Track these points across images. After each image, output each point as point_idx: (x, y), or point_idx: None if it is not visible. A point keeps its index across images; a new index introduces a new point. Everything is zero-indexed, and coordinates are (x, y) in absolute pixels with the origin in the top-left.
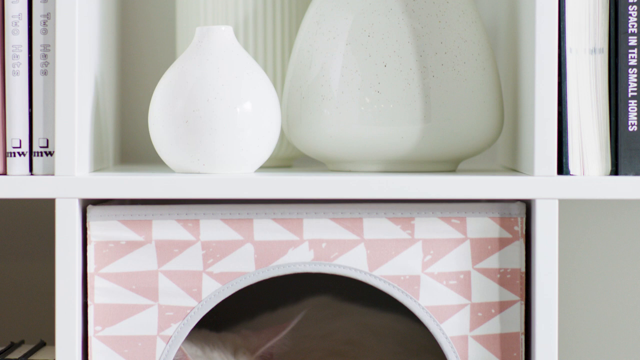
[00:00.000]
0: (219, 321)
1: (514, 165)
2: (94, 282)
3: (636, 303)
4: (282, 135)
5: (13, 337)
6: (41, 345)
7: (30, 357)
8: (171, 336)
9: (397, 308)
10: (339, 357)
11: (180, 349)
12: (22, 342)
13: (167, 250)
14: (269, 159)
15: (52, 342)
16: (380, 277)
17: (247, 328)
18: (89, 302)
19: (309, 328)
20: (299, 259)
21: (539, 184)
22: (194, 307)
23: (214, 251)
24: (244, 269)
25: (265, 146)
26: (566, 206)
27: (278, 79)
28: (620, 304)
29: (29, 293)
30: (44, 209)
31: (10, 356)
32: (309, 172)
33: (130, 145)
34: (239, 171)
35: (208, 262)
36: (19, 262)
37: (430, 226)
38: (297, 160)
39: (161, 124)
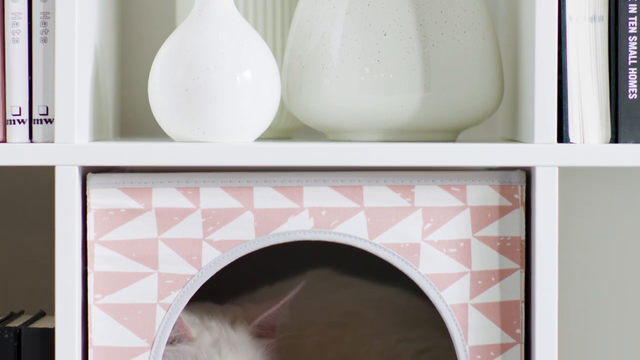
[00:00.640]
0: (220, 294)
1: (514, 137)
2: (93, 249)
3: (636, 272)
4: (282, 106)
5: (12, 308)
6: (41, 315)
7: (31, 326)
8: (171, 304)
9: (396, 281)
10: (339, 328)
11: (178, 317)
12: (21, 312)
13: (167, 218)
14: (269, 131)
15: (52, 313)
16: (380, 245)
17: (248, 300)
18: (89, 270)
19: (309, 300)
20: (299, 227)
21: (538, 151)
22: (193, 275)
23: (214, 219)
24: (244, 236)
25: (265, 115)
26: (566, 175)
27: (278, 48)
28: (620, 273)
29: (29, 263)
30: (44, 179)
31: (10, 324)
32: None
33: (130, 118)
34: (239, 140)
35: (208, 230)
36: (18, 232)
37: (430, 194)
38: (297, 132)
39: (161, 93)
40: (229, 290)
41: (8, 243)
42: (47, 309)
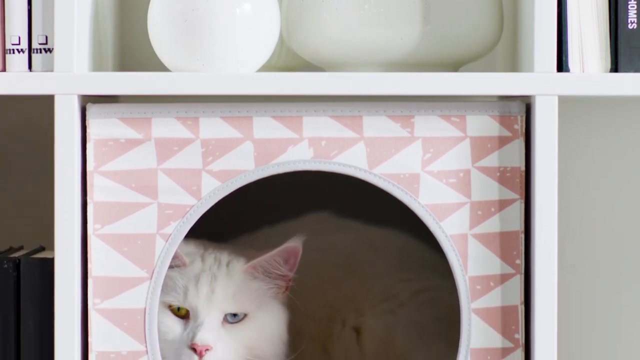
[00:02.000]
0: (220, 235)
1: (514, 71)
2: (93, 180)
3: (636, 202)
4: (281, 44)
5: (11, 244)
6: (40, 249)
7: (32, 256)
8: (170, 234)
9: (395, 225)
10: (339, 269)
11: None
12: (20, 248)
13: (167, 148)
14: (267, 68)
15: (52, 248)
16: (380, 175)
17: (248, 242)
18: (89, 200)
19: (310, 241)
20: (298, 157)
21: (538, 80)
22: (193, 205)
23: (214, 149)
24: (244, 166)
25: (264, 48)
26: (566, 106)
27: None
28: (618, 204)
29: (28, 200)
30: (43, 110)
31: (11, 255)
32: None
33: (129, 52)
34: (237, 72)
35: (207, 160)
36: (17, 169)
37: (430, 124)
38: (297, 70)
39: (160, 24)
40: (229, 231)
41: (6, 180)
42: (46, 246)
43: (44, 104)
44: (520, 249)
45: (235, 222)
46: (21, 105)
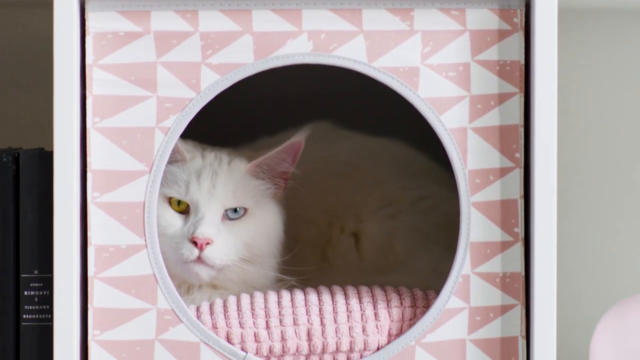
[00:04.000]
0: (220, 143)
1: None
2: (92, 73)
3: (635, 106)
4: None
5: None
6: (39, 149)
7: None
8: (170, 128)
9: (394, 135)
10: (339, 176)
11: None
12: (19, 149)
13: (166, 41)
14: None
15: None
16: (379, 69)
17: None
18: (88, 94)
19: (308, 150)
20: (297, 50)
21: None
22: (192, 99)
23: (213, 42)
24: (243, 60)
25: None
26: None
27: None
28: (617, 104)
29: (27, 101)
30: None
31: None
32: None
33: None
34: None
35: (207, 54)
36: (17, 67)
37: (430, 17)
38: None
39: None
40: (229, 140)
41: (5, 83)
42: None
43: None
44: (519, 142)
45: (235, 132)
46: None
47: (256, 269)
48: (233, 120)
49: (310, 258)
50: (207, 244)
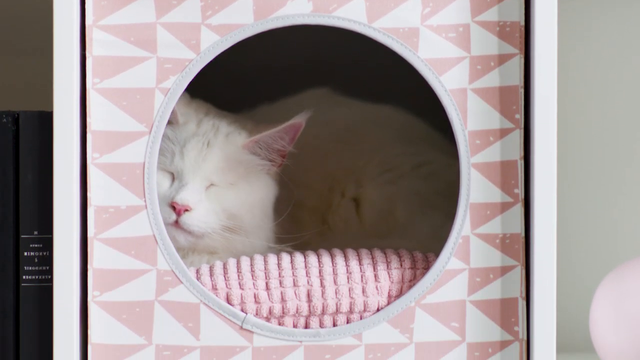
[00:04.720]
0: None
1: None
2: (92, 34)
3: (638, 70)
4: None
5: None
6: (40, 111)
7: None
8: (169, 88)
9: (394, 102)
10: (339, 142)
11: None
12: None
13: (165, 1)
14: None
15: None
16: (379, 29)
17: (248, 117)
18: (87, 55)
19: (310, 116)
20: (297, 11)
21: None
22: (192, 60)
23: (213, 3)
24: (243, 20)
25: None
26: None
27: None
28: (620, 69)
29: (28, 59)
30: None
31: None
32: None
33: None
34: None
35: (207, 14)
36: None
37: None
38: None
39: None
40: (228, 109)
41: (4, 45)
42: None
43: None
44: (520, 103)
45: (235, 99)
46: None
47: (241, 239)
48: (234, 87)
49: (310, 223)
50: (186, 210)
